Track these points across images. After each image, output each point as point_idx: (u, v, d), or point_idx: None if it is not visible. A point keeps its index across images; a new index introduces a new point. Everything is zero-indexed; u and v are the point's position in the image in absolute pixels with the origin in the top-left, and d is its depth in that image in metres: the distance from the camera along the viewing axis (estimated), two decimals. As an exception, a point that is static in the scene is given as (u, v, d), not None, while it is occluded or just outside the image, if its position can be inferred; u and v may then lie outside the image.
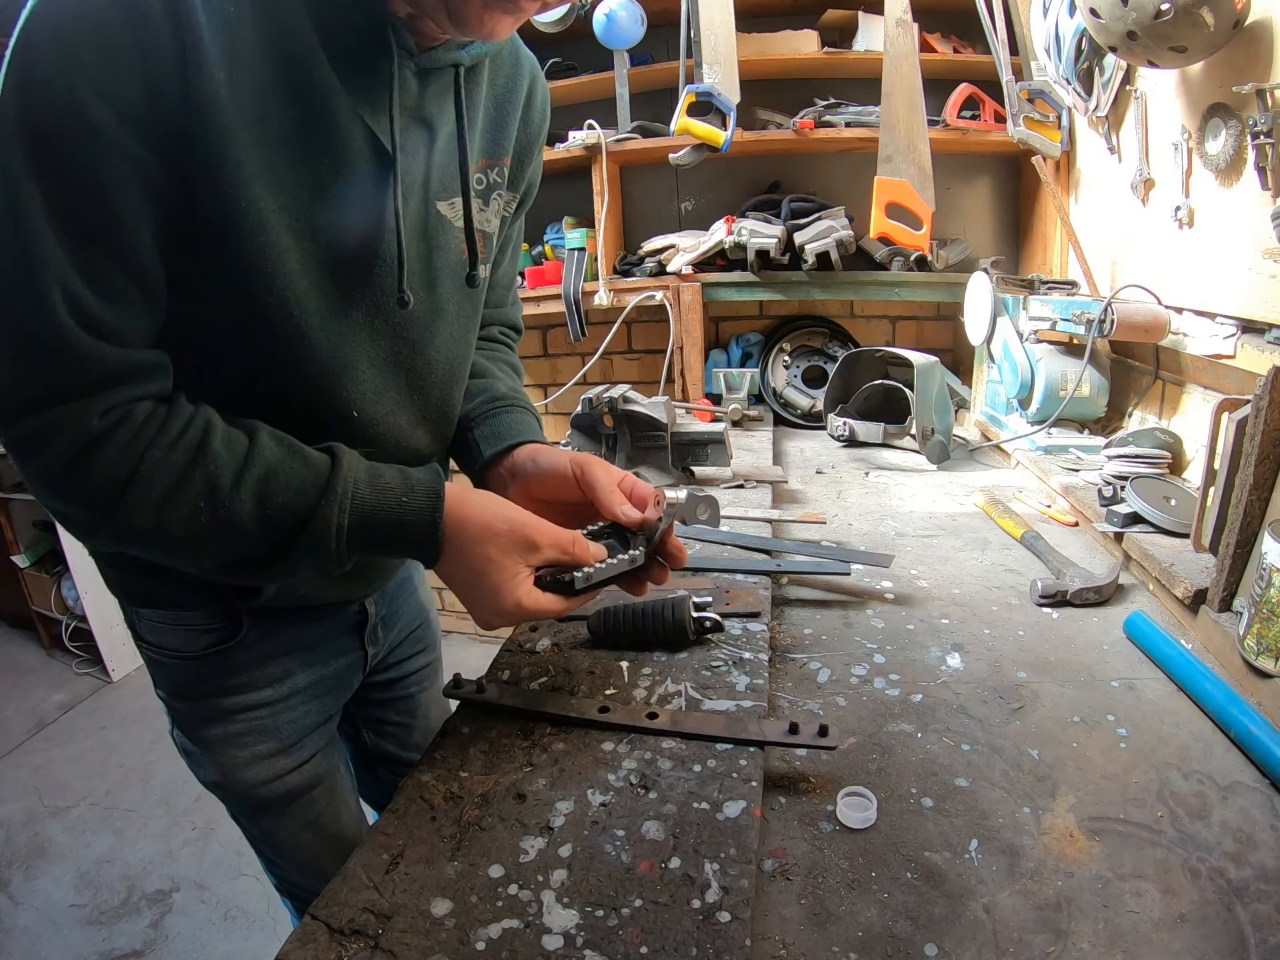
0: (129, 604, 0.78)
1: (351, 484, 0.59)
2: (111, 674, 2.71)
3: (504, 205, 0.77)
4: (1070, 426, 1.51)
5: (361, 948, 0.45)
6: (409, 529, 0.61)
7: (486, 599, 0.63)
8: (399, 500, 0.61)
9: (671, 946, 0.45)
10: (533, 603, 0.64)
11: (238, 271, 0.56)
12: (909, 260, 1.86)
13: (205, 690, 0.79)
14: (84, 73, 0.47)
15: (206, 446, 0.56)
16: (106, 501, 0.54)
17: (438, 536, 0.61)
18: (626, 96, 1.99)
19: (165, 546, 0.58)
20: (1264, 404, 0.76)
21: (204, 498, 0.55)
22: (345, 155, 0.59)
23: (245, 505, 0.56)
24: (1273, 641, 0.70)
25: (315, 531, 0.58)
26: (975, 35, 1.79)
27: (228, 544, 0.58)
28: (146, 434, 0.54)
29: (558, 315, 2.05)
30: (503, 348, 0.92)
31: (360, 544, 0.61)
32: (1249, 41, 1.02)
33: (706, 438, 1.30)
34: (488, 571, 0.62)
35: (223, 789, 0.83)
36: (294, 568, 0.60)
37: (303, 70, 0.55)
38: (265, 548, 0.58)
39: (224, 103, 0.51)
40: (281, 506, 0.57)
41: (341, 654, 0.87)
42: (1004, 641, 0.85)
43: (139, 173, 0.50)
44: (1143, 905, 0.51)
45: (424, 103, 0.63)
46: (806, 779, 0.63)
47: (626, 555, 0.67)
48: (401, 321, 0.68)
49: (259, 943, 1.65)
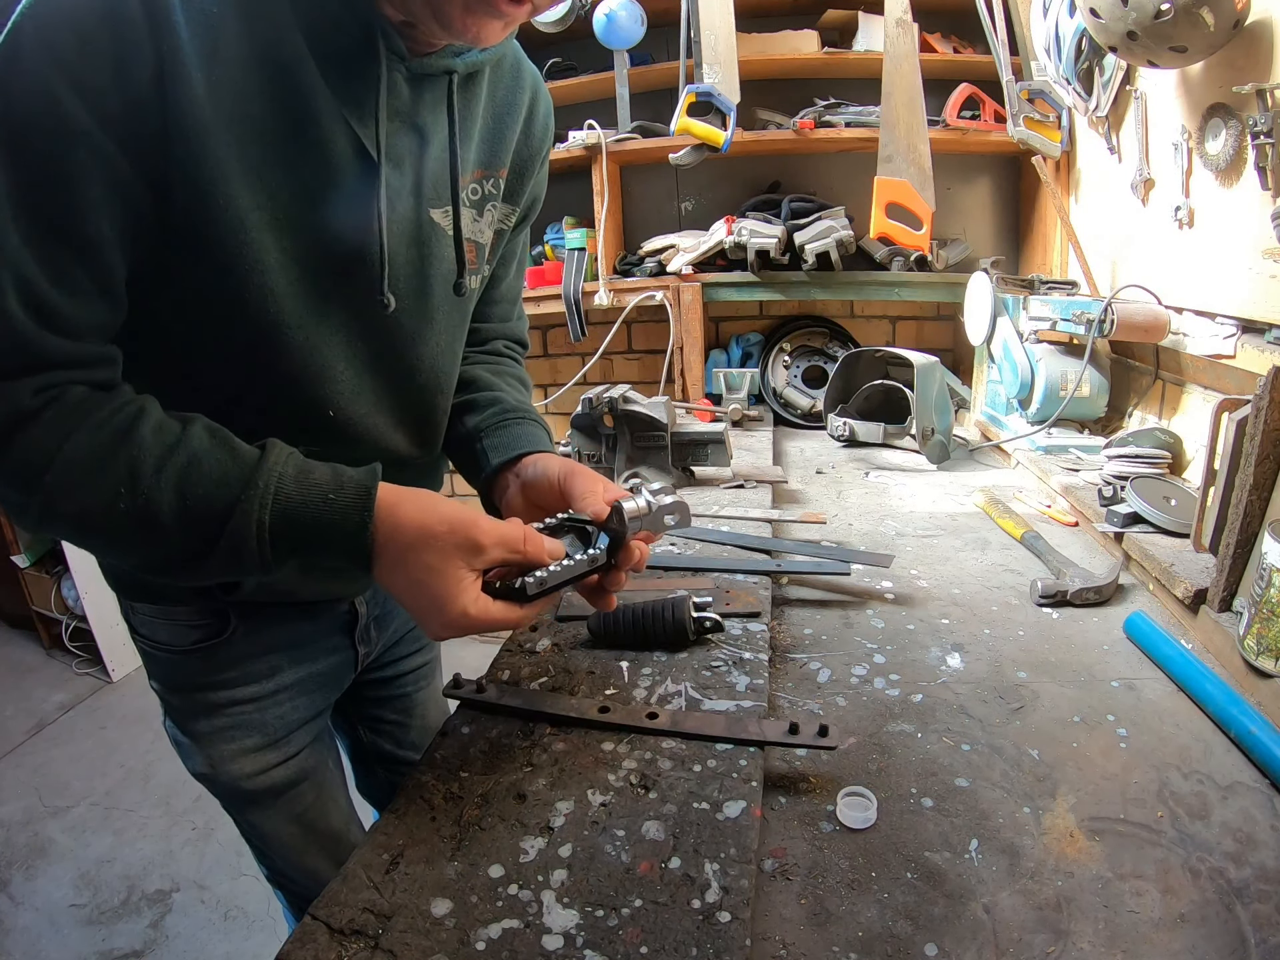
0: (123, 596, 0.79)
1: (275, 478, 0.55)
2: (111, 674, 2.71)
3: (500, 217, 0.76)
4: (1070, 426, 1.51)
5: (361, 948, 0.45)
6: (335, 529, 0.56)
7: (430, 610, 0.58)
8: (325, 497, 0.56)
9: (671, 946, 0.45)
10: (481, 611, 0.57)
11: (216, 267, 0.56)
12: (909, 260, 1.86)
13: (194, 684, 0.80)
14: (63, 69, 0.48)
15: (134, 431, 0.54)
16: (31, 480, 0.52)
17: (365, 538, 0.56)
18: (626, 96, 2.00)
19: (89, 534, 0.55)
20: (1264, 404, 0.76)
21: (124, 483, 0.52)
22: (329, 157, 0.59)
23: (165, 495, 0.53)
24: (1273, 641, 0.70)
25: (235, 529, 0.54)
26: (975, 35, 1.79)
27: (148, 536, 0.54)
28: (77, 416, 0.53)
29: (558, 315, 2.05)
30: (509, 362, 0.91)
31: (285, 546, 0.56)
32: (1249, 41, 1.02)
33: (706, 438, 1.30)
34: (428, 581, 0.56)
35: (210, 780, 0.84)
36: (221, 567, 0.56)
37: (287, 71, 0.55)
38: (185, 544, 0.54)
39: (201, 101, 0.51)
40: (201, 499, 0.53)
41: (332, 652, 0.88)
42: (1004, 641, 0.85)
43: (109, 170, 0.51)
44: (1143, 905, 0.51)
45: (417, 109, 0.63)
46: (806, 779, 0.63)
47: (585, 555, 0.61)
48: (386, 324, 0.68)
49: (259, 943, 1.65)
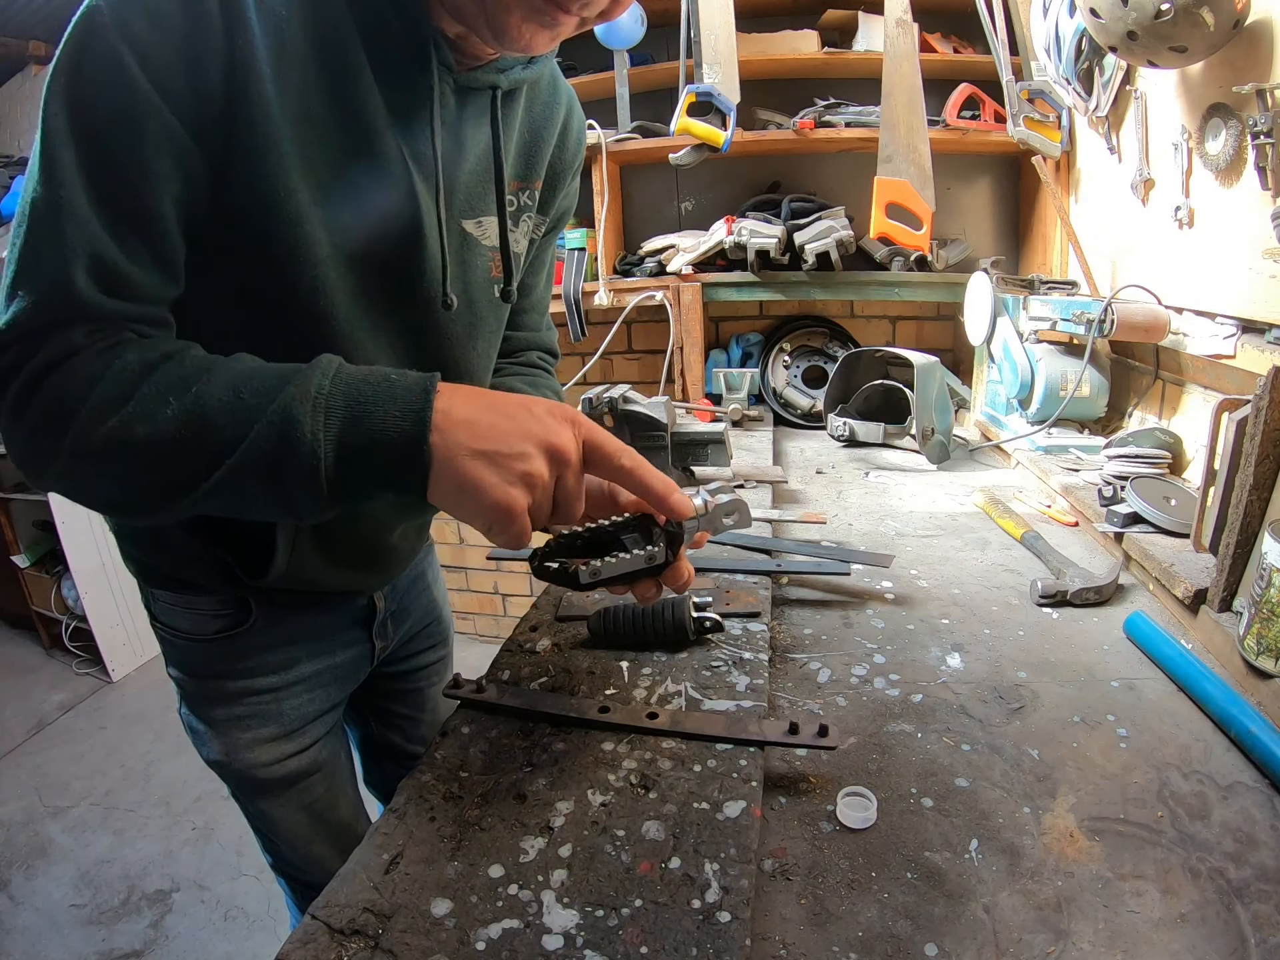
0: (145, 583, 0.80)
1: (337, 361, 0.53)
2: (111, 674, 2.72)
3: (533, 228, 0.79)
4: (1070, 426, 1.51)
5: (361, 948, 0.45)
6: (396, 385, 0.51)
7: (512, 410, 0.53)
8: (386, 376, 0.52)
9: (671, 946, 0.45)
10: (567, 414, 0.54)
11: (270, 257, 0.58)
12: (909, 260, 1.86)
13: (213, 672, 0.81)
14: (132, 42, 0.49)
15: (184, 353, 0.53)
16: (72, 401, 0.50)
17: (430, 387, 0.51)
18: (626, 96, 2.00)
19: (126, 452, 0.50)
20: (1264, 404, 0.76)
21: (174, 390, 0.50)
22: (382, 161, 0.61)
23: (215, 390, 0.50)
24: (1273, 641, 0.70)
25: (290, 397, 0.49)
26: (975, 35, 1.79)
27: (193, 439, 0.50)
28: (128, 344, 0.53)
29: (558, 315, 2.04)
30: (543, 373, 0.92)
31: (340, 412, 0.50)
32: (1249, 41, 1.02)
33: (706, 438, 1.30)
34: (504, 405, 0.53)
35: (224, 768, 0.85)
36: (263, 462, 0.50)
37: (346, 77, 0.58)
38: (233, 434, 0.49)
39: (270, 96, 0.54)
40: (256, 390, 0.50)
41: (349, 646, 0.89)
42: (1004, 641, 0.85)
43: (174, 147, 0.52)
44: (1143, 905, 0.51)
45: (461, 122, 0.65)
46: (806, 779, 0.63)
47: (644, 551, 0.59)
48: (436, 328, 0.70)
49: (259, 943, 1.65)
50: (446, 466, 0.50)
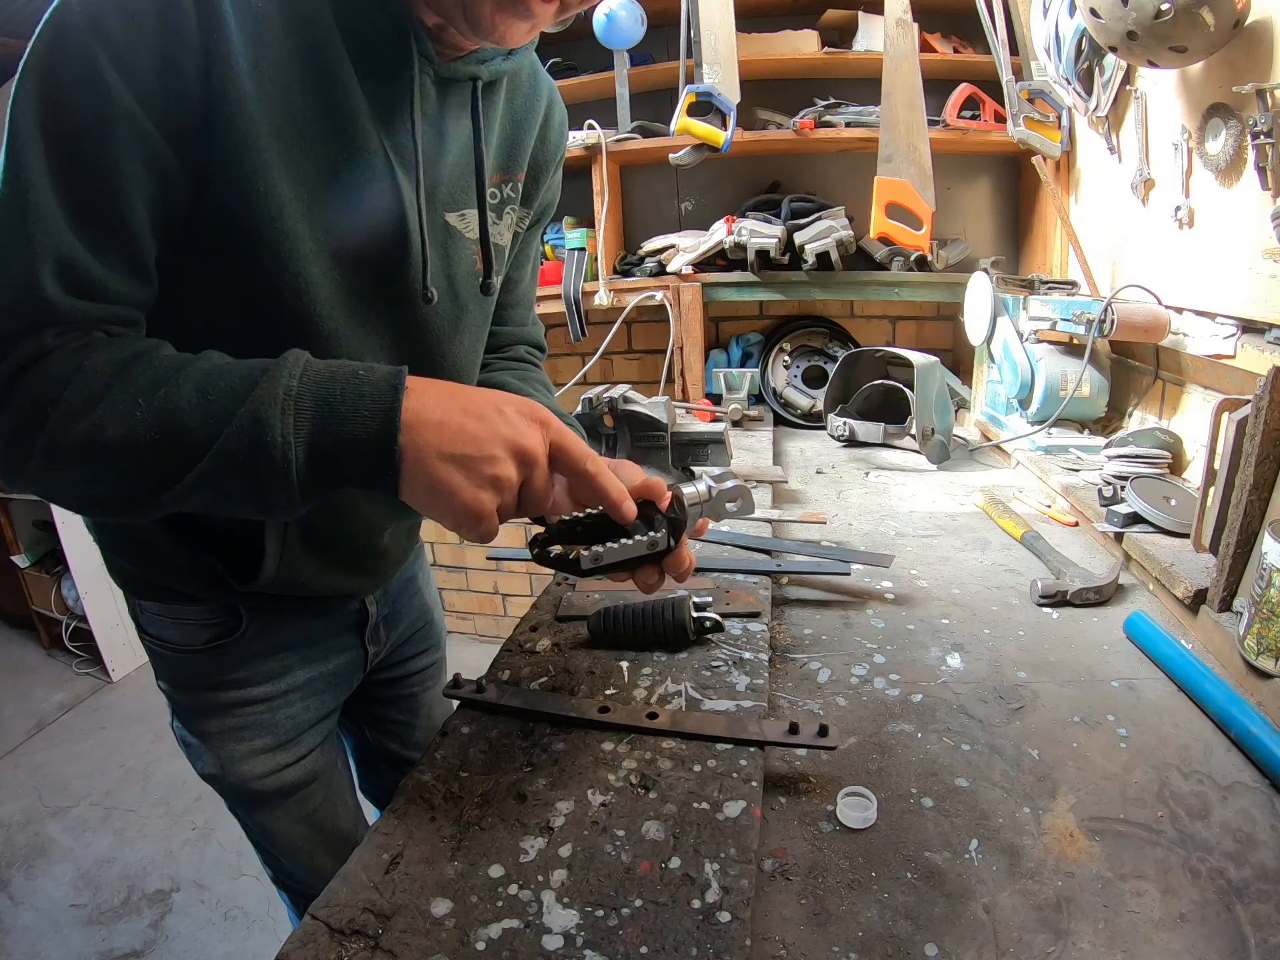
0: (132, 595, 0.79)
1: (304, 359, 0.53)
2: (111, 674, 2.71)
3: (516, 220, 0.78)
4: (1070, 426, 1.51)
5: (361, 948, 0.45)
6: (364, 383, 0.51)
7: (482, 411, 0.53)
8: (354, 371, 0.52)
9: (671, 946, 0.45)
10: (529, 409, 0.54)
11: (252, 253, 0.57)
12: (909, 260, 1.86)
13: (204, 683, 0.80)
14: (106, 43, 0.49)
15: (155, 352, 0.53)
16: (43, 403, 0.50)
17: (399, 388, 0.51)
18: (626, 96, 1.99)
19: (99, 453, 0.50)
20: (1264, 404, 0.76)
21: (143, 391, 0.50)
22: (363, 155, 0.60)
23: (184, 391, 0.50)
24: (1273, 641, 0.70)
25: (258, 399, 0.49)
26: (975, 35, 1.79)
27: (164, 441, 0.50)
28: (97, 344, 0.52)
29: (558, 315, 2.04)
30: (531, 367, 0.91)
31: (309, 413, 0.50)
32: (1249, 41, 1.02)
33: (706, 438, 1.30)
34: (474, 403, 0.53)
35: (219, 781, 0.84)
36: (235, 459, 0.50)
37: (326, 69, 0.57)
38: (204, 433, 0.50)
39: (248, 91, 0.53)
40: (223, 391, 0.50)
41: (341, 651, 0.88)
42: (1004, 641, 0.85)
43: (147, 149, 0.51)
44: (1143, 905, 0.51)
45: (442, 113, 0.65)
46: (806, 779, 0.63)
47: (645, 536, 0.58)
48: (419, 322, 0.69)
49: (259, 943, 1.65)
50: (417, 468, 0.51)
